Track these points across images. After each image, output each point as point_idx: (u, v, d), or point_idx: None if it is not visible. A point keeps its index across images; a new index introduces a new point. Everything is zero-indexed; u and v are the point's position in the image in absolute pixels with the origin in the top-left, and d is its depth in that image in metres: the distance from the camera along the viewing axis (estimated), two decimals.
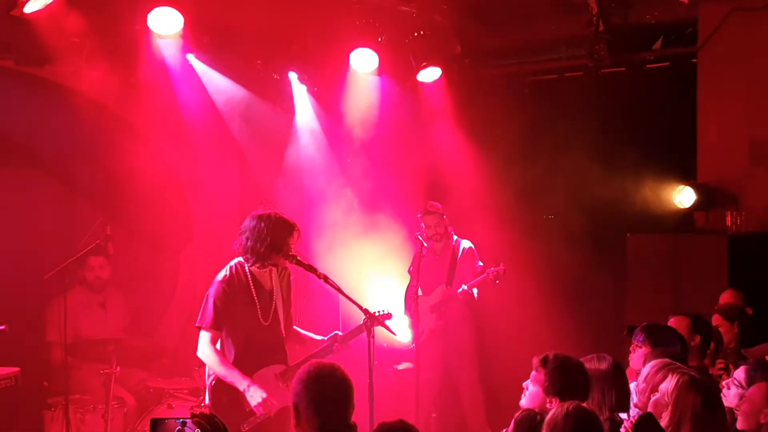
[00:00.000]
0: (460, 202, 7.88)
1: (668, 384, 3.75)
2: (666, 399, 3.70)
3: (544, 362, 4.11)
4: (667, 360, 4.17)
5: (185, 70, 7.51)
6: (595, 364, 4.28)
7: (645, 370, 4.19)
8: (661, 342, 4.77)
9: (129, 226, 7.49)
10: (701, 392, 3.69)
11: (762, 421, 3.89)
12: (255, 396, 4.98)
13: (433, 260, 7.38)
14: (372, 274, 7.75)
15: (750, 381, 4.31)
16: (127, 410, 6.65)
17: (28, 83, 7.23)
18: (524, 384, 4.22)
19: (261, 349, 5.18)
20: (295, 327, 5.46)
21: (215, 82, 7.71)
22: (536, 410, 3.81)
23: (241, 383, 5.02)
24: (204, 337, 5.11)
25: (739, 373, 4.47)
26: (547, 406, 4.04)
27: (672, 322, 5.30)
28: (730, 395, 4.35)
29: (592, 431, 3.42)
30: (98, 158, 7.51)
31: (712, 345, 5.44)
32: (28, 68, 7.17)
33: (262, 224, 5.10)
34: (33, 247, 7.14)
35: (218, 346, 5.16)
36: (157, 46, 7.07)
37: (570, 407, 3.43)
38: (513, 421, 3.64)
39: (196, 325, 5.13)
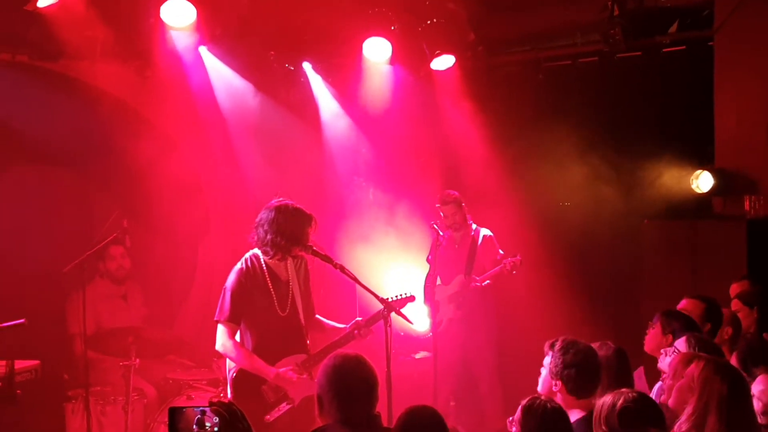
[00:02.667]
0: (476, 190, 7.86)
1: (693, 370, 3.71)
2: (691, 385, 3.67)
3: (552, 345, 4.14)
4: (691, 352, 4.14)
5: (199, 63, 7.51)
6: (597, 351, 4.27)
7: (669, 362, 4.17)
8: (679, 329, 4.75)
9: (146, 219, 7.51)
10: (727, 379, 3.65)
11: None
12: (287, 380, 5.00)
13: (453, 250, 7.37)
14: (389, 264, 7.74)
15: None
16: (148, 402, 6.69)
17: (44, 78, 7.26)
18: (541, 369, 4.24)
19: (280, 340, 5.19)
20: (317, 316, 5.47)
21: (225, 78, 7.70)
22: (542, 397, 3.80)
23: (267, 372, 5.04)
24: (223, 330, 5.13)
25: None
26: (553, 389, 4.05)
27: (683, 304, 5.27)
28: None
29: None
30: (114, 152, 7.52)
31: (730, 330, 5.39)
32: (43, 63, 7.20)
33: (281, 216, 5.10)
34: (51, 241, 7.18)
35: (237, 338, 5.18)
36: (171, 38, 7.07)
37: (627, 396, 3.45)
38: (520, 407, 3.64)
39: (215, 319, 5.15)
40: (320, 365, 3.66)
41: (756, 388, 3.98)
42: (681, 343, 4.44)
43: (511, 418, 3.71)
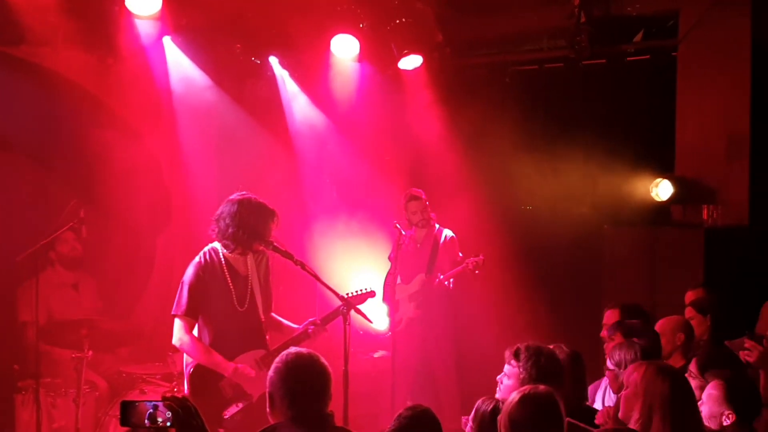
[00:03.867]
0: (440, 190, 7.87)
1: (636, 375, 3.74)
2: (635, 390, 3.69)
3: (516, 354, 4.08)
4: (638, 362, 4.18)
5: (163, 52, 7.42)
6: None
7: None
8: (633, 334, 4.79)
9: (104, 210, 7.40)
10: (669, 380, 3.68)
11: (724, 423, 3.90)
12: (245, 375, 4.95)
13: (414, 249, 7.38)
14: (352, 262, 7.72)
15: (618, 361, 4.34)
16: (99, 395, 6.59)
17: (4, 63, 7.12)
18: (498, 378, 4.18)
19: (238, 335, 5.14)
20: (272, 314, 5.42)
21: (184, 71, 7.60)
22: (495, 398, 3.80)
23: (225, 367, 4.99)
24: (180, 324, 5.05)
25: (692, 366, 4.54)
26: None
27: (607, 315, 5.36)
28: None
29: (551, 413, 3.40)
30: (74, 140, 7.41)
31: (682, 337, 5.46)
32: (4, 48, 7.05)
33: (243, 209, 5.04)
34: (5, 228, 7.03)
35: (195, 333, 5.12)
36: (136, 27, 6.98)
37: (528, 391, 3.42)
38: (474, 409, 3.64)
39: (172, 313, 5.08)
40: (273, 363, 3.61)
41: (705, 393, 4.03)
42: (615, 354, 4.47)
43: (465, 418, 3.70)
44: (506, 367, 4.12)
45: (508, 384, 4.09)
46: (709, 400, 3.97)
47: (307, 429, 3.42)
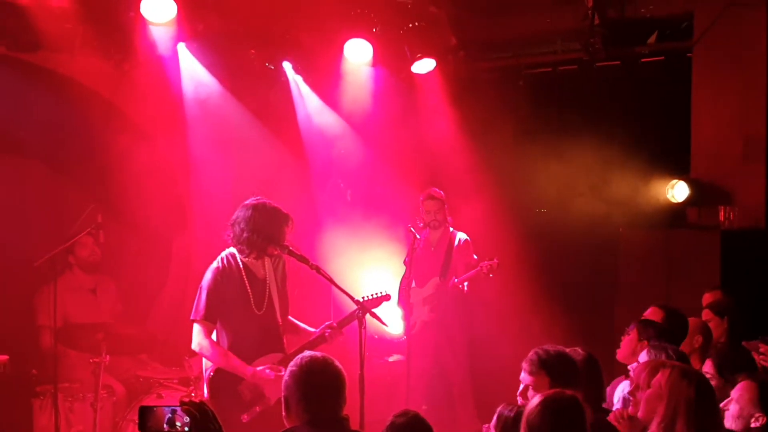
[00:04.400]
0: (453, 193, 7.86)
1: (660, 378, 3.74)
2: (659, 392, 3.69)
3: (543, 364, 4.03)
4: (655, 360, 4.17)
5: (178, 59, 7.46)
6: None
7: (635, 373, 4.18)
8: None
9: (121, 215, 7.45)
10: (694, 383, 3.68)
11: (753, 425, 3.88)
12: (264, 378, 4.98)
13: (428, 252, 7.37)
14: (366, 266, 7.73)
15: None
16: (117, 399, 6.62)
17: (21, 69, 7.17)
18: (521, 388, 4.14)
19: (256, 339, 5.16)
20: (289, 317, 5.44)
21: (197, 78, 7.64)
22: (517, 404, 3.79)
23: (244, 371, 5.01)
24: (198, 329, 5.08)
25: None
26: None
27: (648, 312, 5.30)
28: None
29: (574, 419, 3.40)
30: (91, 145, 7.45)
31: (700, 339, 5.44)
32: (21, 54, 7.11)
33: (258, 214, 5.07)
34: (23, 234, 7.08)
35: (213, 337, 5.14)
36: (151, 33, 7.02)
37: (549, 396, 3.41)
38: (496, 416, 3.63)
39: (191, 318, 5.11)
40: (288, 367, 3.62)
41: (735, 393, 4.03)
42: (643, 355, 4.47)
43: (487, 425, 3.69)
44: (531, 380, 4.09)
45: (532, 393, 4.06)
46: (740, 401, 3.96)
47: None
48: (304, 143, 8.38)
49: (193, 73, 7.60)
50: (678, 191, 7.22)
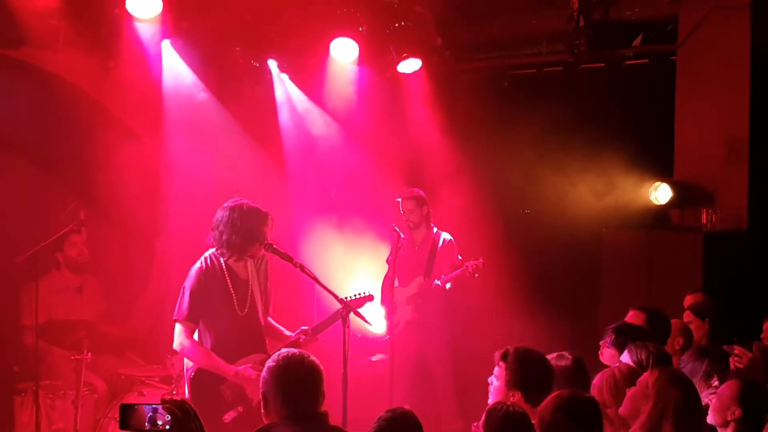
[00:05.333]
0: (438, 193, 7.88)
1: (648, 377, 3.77)
2: (645, 392, 3.72)
3: (504, 356, 4.10)
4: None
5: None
6: (555, 362, 4.29)
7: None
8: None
9: (103, 212, 7.42)
10: (682, 387, 3.72)
11: (729, 417, 3.93)
12: (246, 377, 4.96)
13: (412, 251, 7.37)
14: (350, 265, 7.73)
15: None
16: (98, 397, 6.60)
17: (4, 65, 7.13)
18: (489, 380, 4.20)
19: (239, 340, 5.15)
20: (269, 318, 5.44)
21: (178, 76, 7.61)
22: (507, 403, 3.80)
23: (227, 370, 5.00)
24: (180, 329, 5.08)
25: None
26: (510, 399, 4.03)
27: (630, 315, 5.33)
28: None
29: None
30: (74, 142, 7.42)
31: (681, 341, 5.47)
32: (4, 50, 7.06)
33: (235, 215, 5.08)
34: (6, 231, 7.04)
35: (195, 337, 5.13)
36: (136, 30, 6.99)
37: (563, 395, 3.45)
38: (484, 413, 3.64)
39: (173, 318, 5.10)
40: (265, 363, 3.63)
41: (719, 389, 4.09)
42: (625, 355, 4.50)
43: (476, 424, 3.70)
44: (495, 369, 4.14)
45: (496, 386, 4.11)
46: (722, 396, 4.02)
47: (302, 427, 3.43)
48: (288, 142, 8.37)
49: (176, 71, 7.57)
50: (661, 193, 7.25)
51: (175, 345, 5.11)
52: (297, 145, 8.40)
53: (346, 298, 5.28)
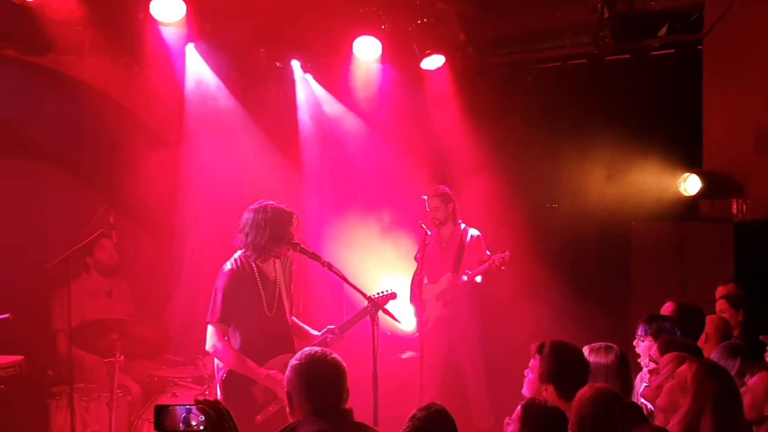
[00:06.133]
0: (464, 190, 7.86)
1: (686, 371, 3.73)
2: (683, 386, 3.69)
3: (540, 349, 4.13)
4: (681, 353, 4.16)
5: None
6: (602, 354, 4.28)
7: (661, 362, 4.18)
8: (662, 332, 4.77)
9: (133, 215, 7.47)
10: (720, 380, 3.68)
11: (766, 413, 3.88)
12: (277, 381, 4.99)
13: (440, 248, 7.36)
14: (377, 263, 7.73)
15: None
16: (132, 399, 6.65)
17: (31, 72, 7.20)
18: (525, 372, 4.22)
19: (267, 340, 5.18)
20: (293, 318, 5.46)
21: (202, 79, 7.64)
22: (541, 399, 3.80)
23: (258, 373, 5.03)
24: (213, 331, 5.10)
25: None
26: (543, 393, 4.03)
27: (664, 308, 5.29)
28: None
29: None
30: (102, 147, 7.49)
31: (715, 336, 5.41)
32: (31, 57, 7.14)
33: (260, 216, 5.11)
34: (37, 236, 7.13)
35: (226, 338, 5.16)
36: (160, 34, 7.04)
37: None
38: (519, 407, 3.63)
39: (207, 320, 5.13)
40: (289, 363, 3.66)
41: (750, 383, 4.04)
42: (654, 350, 4.47)
43: (508, 419, 3.70)
44: (531, 362, 4.15)
45: (530, 378, 4.13)
46: (755, 391, 3.97)
47: (327, 423, 3.46)
48: (313, 142, 8.39)
49: (201, 75, 7.62)
50: (690, 184, 7.18)
51: (208, 347, 5.14)
52: (321, 145, 8.43)
53: (371, 296, 5.29)
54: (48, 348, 6.86)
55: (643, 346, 4.87)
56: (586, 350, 4.30)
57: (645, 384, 4.66)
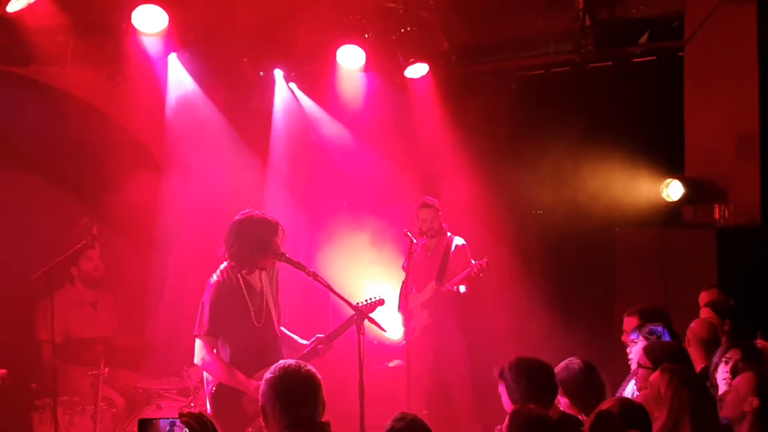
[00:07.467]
0: (449, 197, 7.87)
1: (659, 379, 3.75)
2: (659, 397, 3.71)
3: (501, 375, 4.12)
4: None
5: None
6: (565, 371, 4.27)
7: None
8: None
9: (116, 226, 7.44)
10: (695, 389, 3.71)
11: (746, 409, 3.91)
12: None
13: (426, 257, 7.38)
14: (364, 272, 7.73)
15: (734, 372, 4.36)
16: (116, 411, 6.61)
17: (13, 82, 7.17)
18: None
19: (257, 351, 5.14)
20: (281, 328, 5.44)
21: (190, 89, 7.64)
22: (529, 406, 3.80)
23: (248, 386, 5.00)
24: (201, 345, 5.07)
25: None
26: None
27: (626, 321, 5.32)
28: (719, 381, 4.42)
29: None
30: (84, 157, 7.46)
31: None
32: (13, 68, 7.11)
33: (245, 228, 5.08)
34: (20, 247, 7.08)
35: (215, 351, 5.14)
36: (143, 44, 7.02)
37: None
38: (508, 416, 3.63)
39: (194, 333, 5.09)
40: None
41: (735, 382, 4.07)
42: (640, 353, 4.48)
43: (499, 427, 3.70)
44: (499, 387, 4.15)
45: (506, 403, 4.12)
46: (739, 389, 4.00)
47: None
48: (296, 151, 8.39)
49: (183, 85, 7.61)
50: (673, 190, 7.22)
51: (197, 360, 5.10)
52: (306, 154, 8.42)
53: (358, 304, 5.28)
54: (32, 361, 6.81)
55: (636, 349, 4.88)
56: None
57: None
